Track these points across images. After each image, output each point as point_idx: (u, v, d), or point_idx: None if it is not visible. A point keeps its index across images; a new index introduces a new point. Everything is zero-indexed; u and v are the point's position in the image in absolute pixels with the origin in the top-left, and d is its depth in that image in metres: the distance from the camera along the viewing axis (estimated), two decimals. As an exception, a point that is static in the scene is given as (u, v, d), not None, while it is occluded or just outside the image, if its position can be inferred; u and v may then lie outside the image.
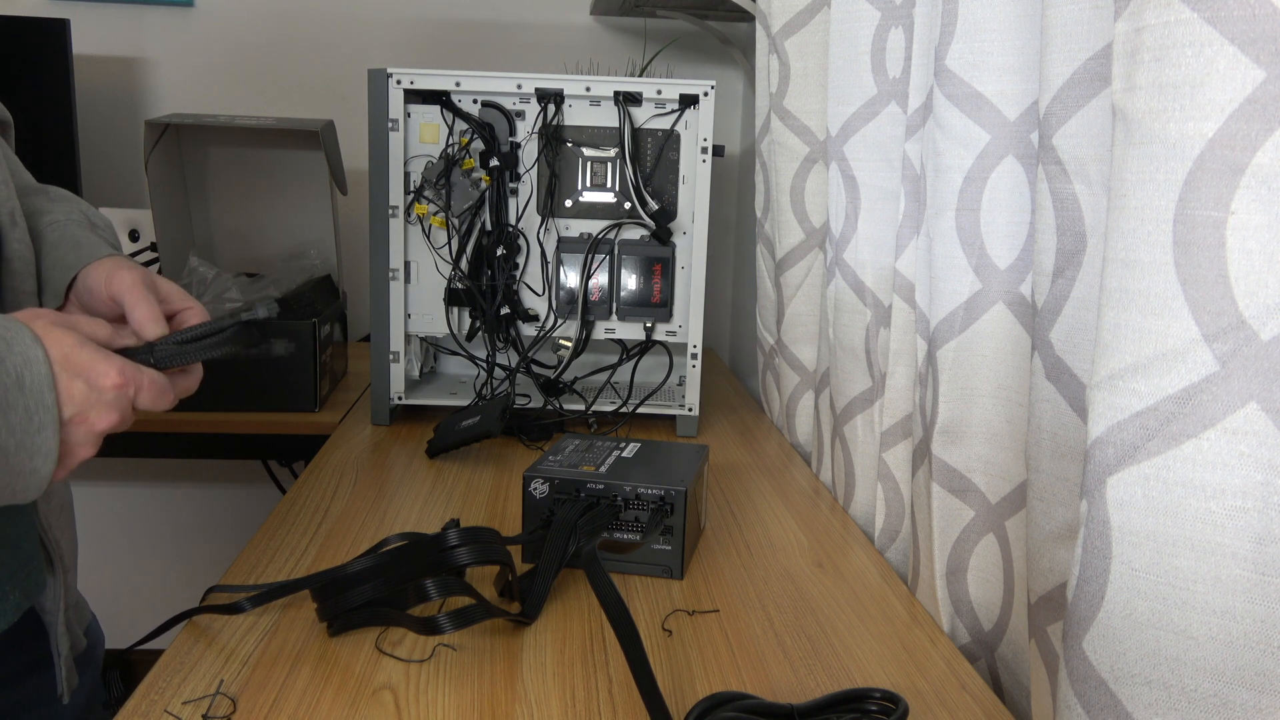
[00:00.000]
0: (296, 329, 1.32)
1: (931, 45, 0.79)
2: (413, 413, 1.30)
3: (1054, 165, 0.61)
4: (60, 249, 0.74)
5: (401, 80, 1.17)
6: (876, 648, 0.74)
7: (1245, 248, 0.44)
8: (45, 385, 0.57)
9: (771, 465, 1.17)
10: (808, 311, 1.21)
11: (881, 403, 0.93)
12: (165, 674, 0.66)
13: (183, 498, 1.95)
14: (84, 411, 0.59)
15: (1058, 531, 0.64)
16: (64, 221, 0.76)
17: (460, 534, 0.72)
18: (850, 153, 0.99)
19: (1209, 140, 0.44)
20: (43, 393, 0.56)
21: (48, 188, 0.81)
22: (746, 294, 1.76)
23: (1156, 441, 0.47)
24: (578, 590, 0.81)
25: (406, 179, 1.20)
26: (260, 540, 0.88)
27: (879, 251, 0.97)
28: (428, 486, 1.05)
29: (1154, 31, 0.46)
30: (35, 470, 0.57)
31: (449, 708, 0.63)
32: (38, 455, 0.57)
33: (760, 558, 0.89)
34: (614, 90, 1.18)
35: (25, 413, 0.56)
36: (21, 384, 0.56)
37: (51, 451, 0.57)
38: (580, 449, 0.92)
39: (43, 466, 0.57)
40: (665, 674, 0.69)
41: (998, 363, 0.74)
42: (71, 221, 0.76)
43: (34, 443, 0.56)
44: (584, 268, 1.21)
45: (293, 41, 1.81)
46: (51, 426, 0.57)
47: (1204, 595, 0.46)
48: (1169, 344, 0.46)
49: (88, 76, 1.75)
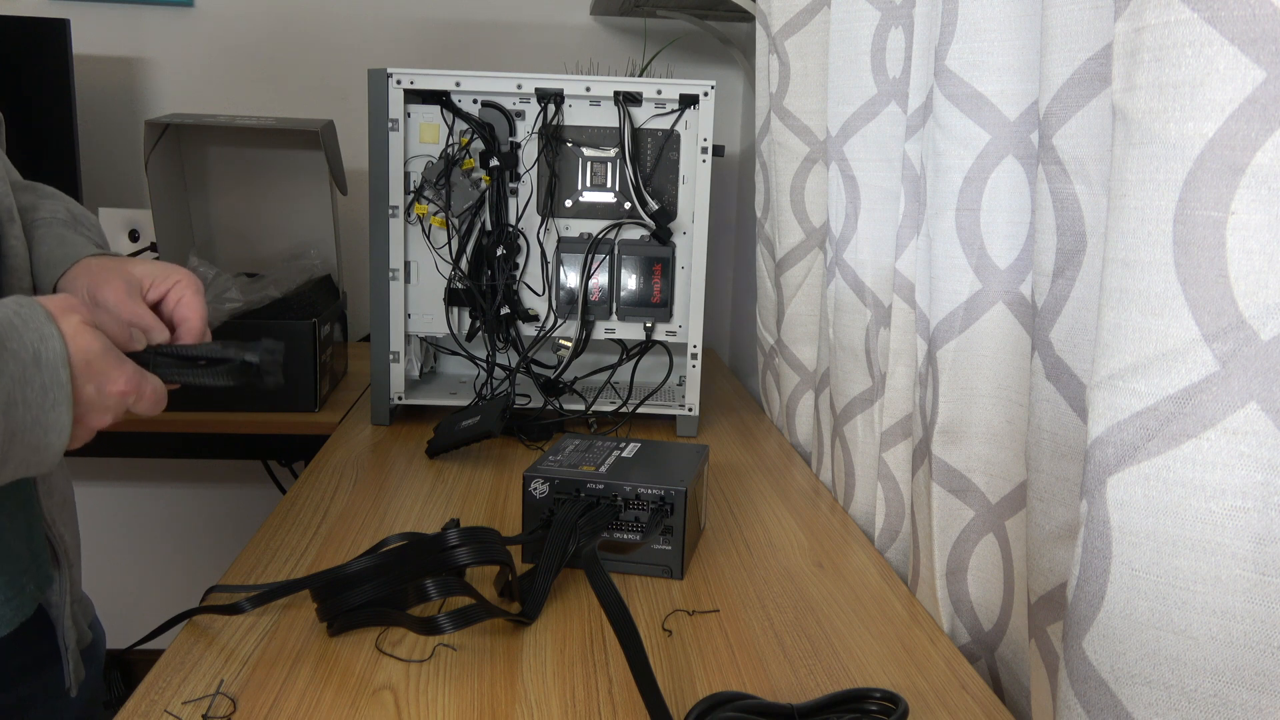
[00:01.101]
0: (296, 329, 1.32)
1: (931, 45, 0.79)
2: (413, 413, 1.30)
3: (1054, 165, 0.61)
4: (47, 244, 0.75)
5: (401, 80, 1.17)
6: (876, 648, 0.74)
7: (1245, 248, 0.44)
8: (60, 362, 0.58)
9: (771, 465, 1.17)
10: (808, 311, 1.21)
11: (881, 403, 0.93)
12: (165, 674, 0.66)
13: (183, 498, 1.95)
14: (86, 414, 0.60)
15: (1058, 531, 0.64)
16: (49, 219, 0.78)
17: (460, 534, 0.72)
18: (850, 153, 0.99)
19: (1209, 140, 0.44)
20: (58, 370, 0.57)
21: (36, 185, 0.82)
22: (746, 294, 1.76)
23: (1156, 441, 0.47)
24: (578, 590, 0.81)
25: (406, 179, 1.20)
26: (260, 540, 0.88)
27: (879, 251, 0.97)
28: (428, 486, 1.05)
29: (1154, 31, 0.46)
30: (50, 445, 0.58)
31: (449, 708, 0.63)
32: (52, 431, 0.58)
33: (760, 558, 0.89)
34: (614, 90, 1.18)
35: (41, 389, 0.57)
36: (39, 361, 0.57)
37: (65, 428, 0.58)
38: (580, 449, 0.92)
39: (56, 441, 0.58)
40: (665, 674, 0.69)
41: (998, 363, 0.74)
42: (57, 220, 0.78)
43: (49, 419, 0.57)
44: (584, 268, 1.21)
45: (293, 41, 1.81)
46: (65, 403, 0.58)
47: (1204, 595, 0.46)
48: (1169, 344, 0.46)
49: (88, 76, 1.75)
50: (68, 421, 0.58)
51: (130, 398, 0.62)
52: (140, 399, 0.63)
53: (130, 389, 0.62)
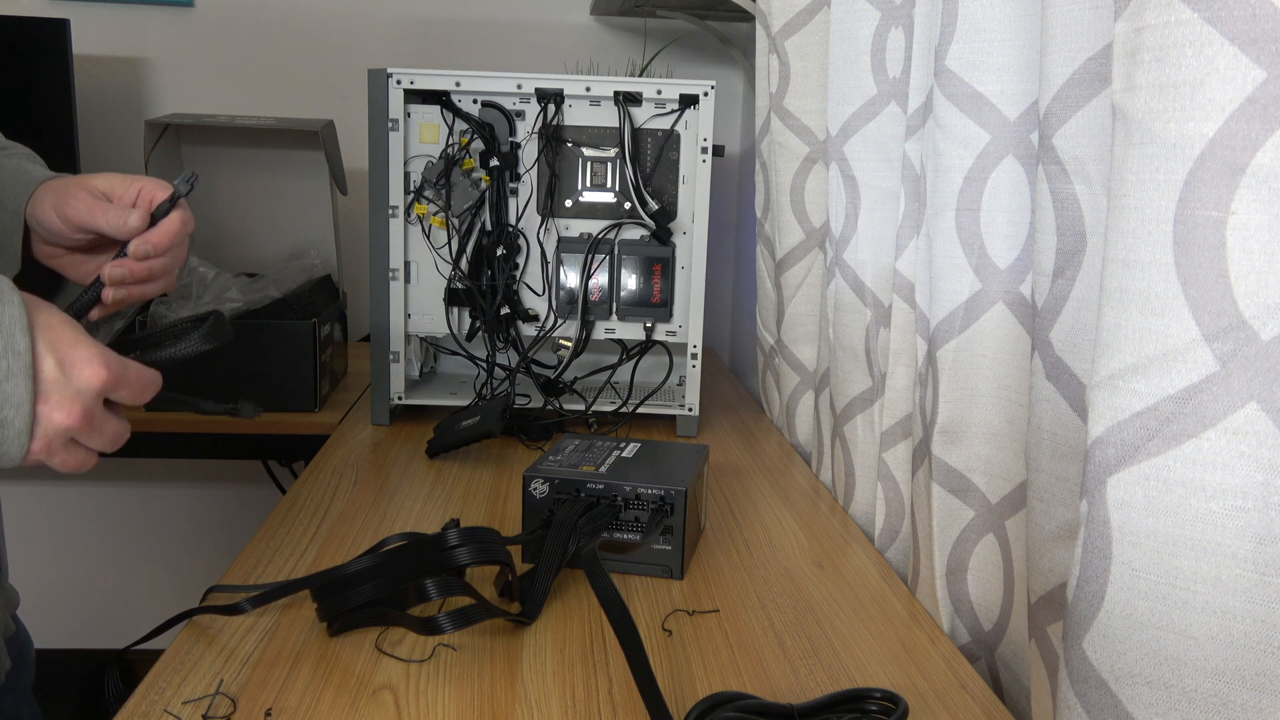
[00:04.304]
0: (296, 329, 1.32)
1: (931, 45, 0.79)
2: (413, 413, 1.30)
3: (1054, 165, 0.61)
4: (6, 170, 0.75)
5: (401, 80, 1.17)
6: (876, 648, 0.74)
7: (1245, 248, 0.44)
8: (18, 328, 0.53)
9: (771, 465, 1.17)
10: (808, 311, 1.21)
11: (881, 403, 0.93)
12: (165, 674, 0.66)
13: (183, 498, 1.95)
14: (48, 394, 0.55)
15: (1058, 531, 0.64)
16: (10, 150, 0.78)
17: (460, 534, 0.72)
18: (850, 153, 0.99)
19: (1209, 140, 0.44)
20: (14, 336, 0.53)
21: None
22: (746, 294, 1.76)
23: (1157, 441, 0.47)
24: (578, 590, 0.81)
25: (406, 179, 1.20)
26: (260, 540, 0.88)
27: (879, 251, 0.97)
28: (428, 486, 1.05)
29: (1154, 31, 0.46)
30: (7, 422, 0.54)
31: (449, 708, 0.63)
32: (8, 405, 0.53)
33: (760, 558, 0.89)
34: (614, 90, 1.18)
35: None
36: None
37: (24, 403, 0.54)
38: (580, 449, 0.92)
39: (15, 419, 0.54)
40: (665, 674, 0.69)
41: (998, 363, 0.74)
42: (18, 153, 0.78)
43: (4, 390, 0.53)
44: (584, 268, 1.21)
45: (293, 41, 1.81)
46: (24, 374, 0.53)
47: (1204, 595, 0.46)
48: (1169, 344, 0.46)
49: (88, 76, 1.75)
50: (26, 395, 0.53)
51: (109, 385, 0.57)
52: (124, 384, 0.58)
53: (111, 376, 0.57)
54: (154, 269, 0.71)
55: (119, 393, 0.59)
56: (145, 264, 0.70)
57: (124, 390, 0.59)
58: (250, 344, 1.31)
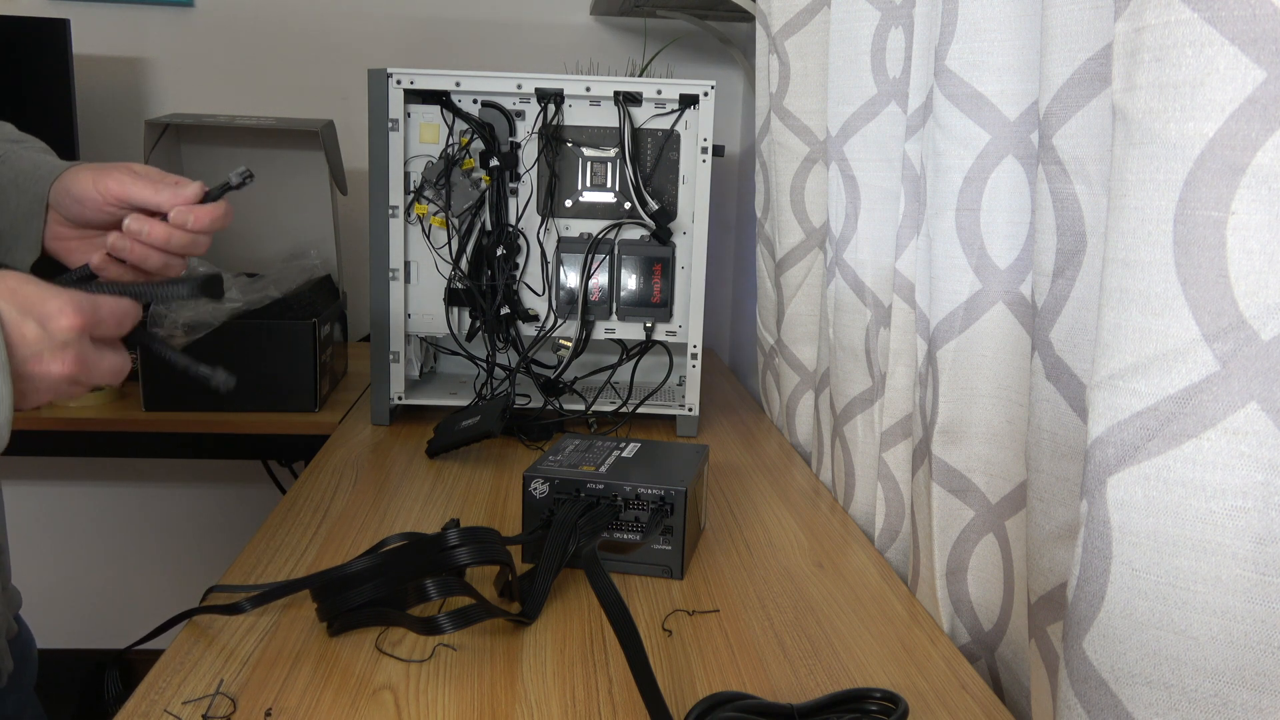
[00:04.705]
0: (296, 329, 1.32)
1: (931, 45, 0.79)
2: (413, 413, 1.30)
3: (1054, 165, 0.61)
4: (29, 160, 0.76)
5: (401, 80, 1.17)
6: (876, 648, 0.74)
7: (1246, 248, 0.44)
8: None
9: (771, 465, 1.17)
10: (808, 311, 1.21)
11: (881, 403, 0.93)
12: (165, 674, 0.66)
13: (183, 498, 1.95)
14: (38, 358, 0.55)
15: (1058, 531, 0.64)
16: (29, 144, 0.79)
17: (460, 534, 0.72)
18: (850, 153, 0.99)
19: (1209, 140, 0.44)
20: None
21: None
22: (746, 294, 1.76)
23: (1157, 441, 0.47)
24: (578, 590, 0.81)
25: (406, 179, 1.20)
26: (260, 540, 0.88)
27: (879, 251, 0.97)
28: (428, 486, 1.05)
29: (1154, 31, 0.46)
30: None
31: (449, 708, 0.63)
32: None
33: (760, 558, 0.89)
34: (614, 90, 1.18)
35: None
36: None
37: (3, 398, 0.53)
38: (580, 449, 0.92)
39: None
40: (665, 674, 0.69)
41: (998, 363, 0.74)
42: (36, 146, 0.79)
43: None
44: (584, 268, 1.21)
45: (293, 41, 1.81)
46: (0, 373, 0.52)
47: (1204, 595, 0.46)
48: (1169, 344, 0.46)
49: (88, 76, 1.75)
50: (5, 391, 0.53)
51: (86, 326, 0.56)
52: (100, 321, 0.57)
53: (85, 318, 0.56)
54: (173, 240, 0.71)
55: (99, 329, 0.58)
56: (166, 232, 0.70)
57: (102, 326, 0.58)
58: (250, 344, 1.31)
